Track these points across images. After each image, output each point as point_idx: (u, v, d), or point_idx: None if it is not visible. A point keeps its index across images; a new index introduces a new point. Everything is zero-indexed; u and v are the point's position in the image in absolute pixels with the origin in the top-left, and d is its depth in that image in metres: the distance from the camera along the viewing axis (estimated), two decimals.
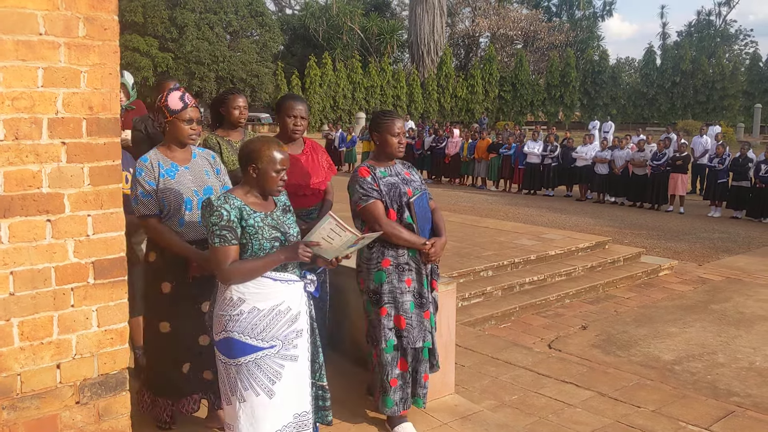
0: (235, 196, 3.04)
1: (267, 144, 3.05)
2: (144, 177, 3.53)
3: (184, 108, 3.55)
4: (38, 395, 2.68)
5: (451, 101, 43.60)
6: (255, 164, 3.02)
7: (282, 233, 3.09)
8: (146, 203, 3.53)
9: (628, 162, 16.14)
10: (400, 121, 3.95)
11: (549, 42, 47.50)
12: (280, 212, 3.17)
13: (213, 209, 2.96)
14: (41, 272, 2.66)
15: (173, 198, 3.56)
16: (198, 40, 36.77)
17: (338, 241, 3.07)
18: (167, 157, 3.62)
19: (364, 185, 3.85)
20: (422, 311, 3.91)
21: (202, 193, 3.65)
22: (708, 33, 55.92)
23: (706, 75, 43.42)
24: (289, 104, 4.29)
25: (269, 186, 3.07)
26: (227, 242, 2.95)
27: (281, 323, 3.04)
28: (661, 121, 41.96)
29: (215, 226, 2.95)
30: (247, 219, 3.00)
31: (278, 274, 3.05)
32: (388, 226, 3.79)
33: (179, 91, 3.58)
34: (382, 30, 44.31)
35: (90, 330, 2.80)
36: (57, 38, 2.63)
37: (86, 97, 2.72)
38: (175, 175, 3.59)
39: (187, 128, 3.58)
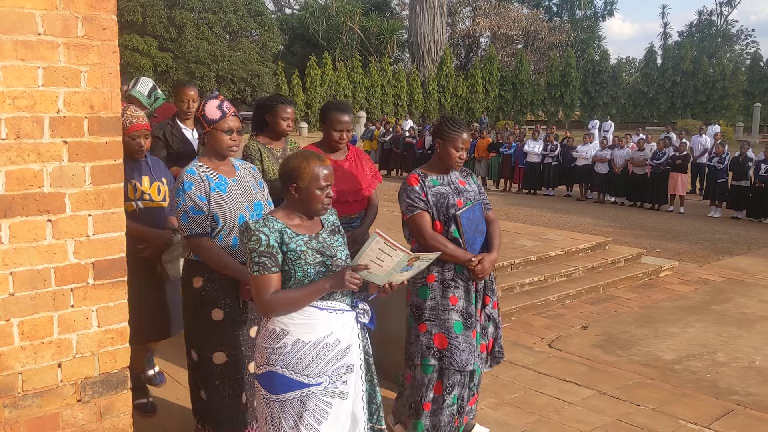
0: (275, 218, 2.77)
1: (307, 160, 2.77)
2: (194, 191, 3.24)
3: (223, 117, 3.32)
4: (40, 393, 2.69)
5: (452, 101, 43.60)
6: (296, 183, 2.76)
7: (328, 257, 2.79)
8: (198, 221, 3.25)
9: (627, 161, 16.16)
10: (467, 135, 3.71)
11: (549, 42, 47.50)
12: (327, 234, 2.87)
13: (251, 234, 2.69)
14: (41, 273, 2.66)
15: (228, 214, 3.28)
16: (197, 40, 36.77)
17: (389, 263, 2.76)
18: (213, 170, 3.37)
19: (411, 195, 3.67)
20: (470, 332, 3.66)
21: (253, 208, 3.40)
22: (709, 33, 55.93)
23: (707, 75, 43.44)
24: (336, 117, 4.14)
25: (314, 205, 2.79)
26: (267, 270, 2.69)
27: (329, 357, 2.75)
28: (661, 120, 41.95)
29: (253, 253, 2.68)
30: (288, 243, 2.72)
31: (325, 303, 2.76)
32: (432, 239, 3.61)
33: (217, 100, 3.36)
34: (382, 30, 44.31)
35: (90, 330, 2.80)
36: (56, 38, 2.63)
37: (87, 97, 2.73)
38: (226, 188, 3.34)
39: (227, 139, 3.34)
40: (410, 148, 21.47)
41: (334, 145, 4.19)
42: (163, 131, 4.91)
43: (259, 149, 4.41)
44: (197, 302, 3.38)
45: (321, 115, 4.26)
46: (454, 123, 3.72)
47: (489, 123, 35.89)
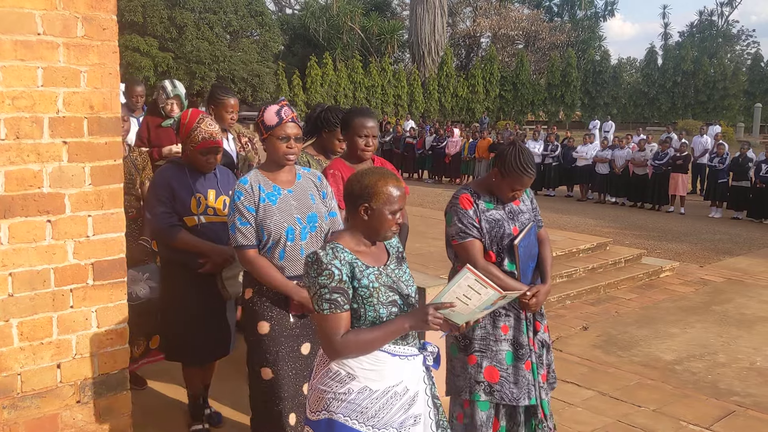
0: (343, 247, 2.47)
1: (383, 178, 2.50)
2: (243, 202, 3.12)
3: (280, 123, 3.15)
4: (39, 394, 2.69)
5: (452, 101, 43.55)
6: (368, 203, 2.47)
7: (401, 296, 2.53)
8: (245, 232, 3.11)
9: (628, 162, 16.14)
10: (529, 179, 3.31)
11: (550, 42, 47.45)
12: (394, 264, 2.62)
13: (322, 267, 2.39)
14: (40, 274, 2.66)
15: (273, 227, 3.13)
16: (198, 40, 36.73)
17: (476, 301, 2.50)
18: (269, 179, 3.21)
19: (464, 219, 3.33)
20: (522, 363, 3.36)
21: (305, 221, 3.22)
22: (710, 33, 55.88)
23: (708, 75, 43.39)
24: (359, 122, 3.88)
25: (384, 230, 2.52)
26: (339, 308, 2.39)
27: (396, 407, 2.48)
28: (662, 120, 41.92)
29: (324, 289, 2.38)
30: (360, 278, 2.44)
31: (396, 347, 2.49)
32: (484, 272, 3.14)
33: (277, 105, 3.22)
34: (382, 30, 44.27)
35: (90, 330, 2.80)
36: (55, 38, 2.64)
37: (87, 97, 2.73)
38: (277, 200, 3.17)
39: (283, 146, 3.15)
40: (410, 148, 21.47)
41: (361, 154, 3.92)
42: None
43: (308, 160, 4.25)
44: (247, 313, 3.28)
45: (342, 124, 4.02)
46: (524, 161, 3.26)
47: (489, 123, 35.87)
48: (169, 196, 3.62)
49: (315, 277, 2.40)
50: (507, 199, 3.37)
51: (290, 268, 3.17)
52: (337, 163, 3.96)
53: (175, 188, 3.64)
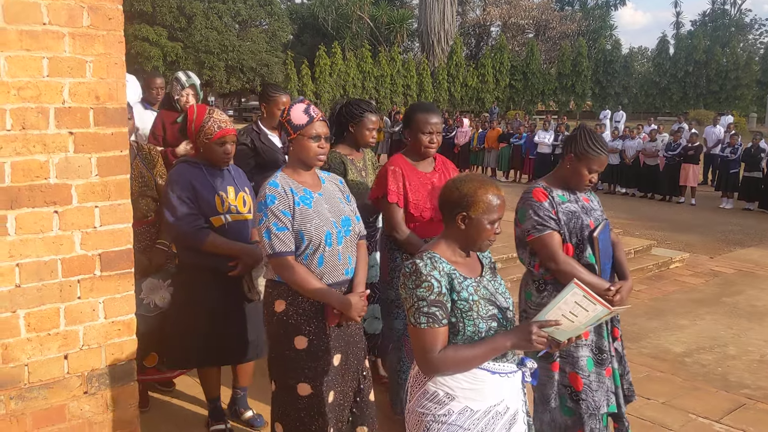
0: (440, 257, 2.35)
1: (483, 186, 2.38)
2: (278, 206, 2.91)
3: (310, 122, 2.99)
4: (46, 385, 2.69)
5: (462, 90, 43.40)
6: (467, 212, 2.35)
7: (500, 309, 2.40)
8: (282, 238, 2.90)
9: (639, 152, 16.05)
10: (605, 156, 3.24)
11: (561, 31, 47.19)
12: (489, 275, 2.50)
13: (421, 279, 2.26)
14: (47, 264, 2.66)
15: (314, 231, 2.93)
16: (207, 30, 36.76)
17: (583, 317, 2.35)
18: (297, 182, 3.03)
19: (540, 212, 3.18)
20: (602, 369, 3.24)
21: (340, 224, 3.05)
22: (722, 22, 55.42)
23: (720, 64, 43.06)
24: (423, 118, 3.73)
25: (481, 240, 2.40)
26: (437, 323, 2.26)
27: (498, 427, 2.36)
28: (673, 110, 41.66)
29: (423, 301, 2.25)
30: (459, 290, 2.31)
31: (496, 364, 2.35)
32: (566, 265, 3.14)
33: (303, 104, 3.06)
34: (391, 19, 44.13)
35: (97, 321, 2.80)
36: (61, 28, 2.62)
37: (92, 87, 2.71)
38: (312, 203, 3.00)
39: (314, 146, 3.00)
40: None
41: (424, 151, 3.77)
42: (250, 138, 4.62)
43: (342, 161, 4.10)
44: (279, 328, 3.03)
45: (405, 119, 3.87)
46: (596, 141, 3.18)
47: (499, 113, 35.74)
48: (191, 197, 3.45)
49: (413, 288, 2.27)
50: (584, 184, 3.24)
51: (329, 274, 2.99)
52: (398, 160, 3.82)
53: (197, 188, 3.47)
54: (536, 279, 3.31)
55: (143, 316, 3.65)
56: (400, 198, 3.73)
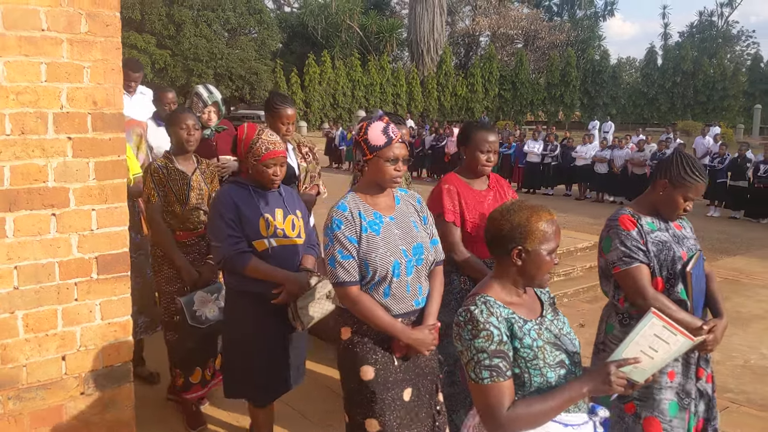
0: (495, 299, 2.12)
1: (535, 213, 2.14)
2: (344, 232, 2.73)
3: (388, 144, 2.77)
4: (44, 386, 2.72)
5: (451, 100, 43.62)
6: (522, 246, 2.11)
7: (567, 354, 2.15)
8: (347, 267, 2.72)
9: (627, 161, 16.21)
10: (703, 185, 2.96)
11: (550, 41, 47.51)
12: (551, 314, 2.25)
13: (479, 327, 2.03)
14: (45, 267, 2.70)
15: (380, 262, 2.73)
16: (196, 37, 36.77)
17: (663, 352, 2.10)
18: (369, 205, 2.83)
19: (628, 242, 2.92)
20: (684, 413, 2.96)
21: (411, 253, 2.82)
22: (710, 33, 55.93)
23: (707, 75, 43.44)
24: (482, 136, 3.59)
25: (541, 274, 2.16)
26: (502, 375, 2.01)
27: None
28: (661, 121, 42.00)
29: (482, 354, 2.02)
30: (520, 336, 2.07)
31: (568, 416, 2.11)
32: (655, 301, 2.83)
33: (382, 122, 2.83)
34: (381, 28, 44.34)
35: (94, 323, 2.84)
36: (59, 34, 2.67)
37: (90, 93, 2.76)
38: (381, 229, 2.79)
39: (391, 169, 2.78)
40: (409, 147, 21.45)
41: (481, 169, 3.63)
42: None
43: None
44: (346, 356, 2.87)
45: (461, 136, 3.72)
46: (694, 167, 2.92)
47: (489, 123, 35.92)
48: (235, 219, 3.28)
49: (470, 339, 2.03)
50: (677, 213, 2.98)
51: (395, 306, 2.80)
52: (452, 178, 3.70)
53: (242, 209, 3.31)
54: (620, 312, 3.07)
55: (196, 329, 3.81)
56: (457, 217, 3.57)
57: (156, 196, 3.96)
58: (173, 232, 4.01)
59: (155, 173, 3.99)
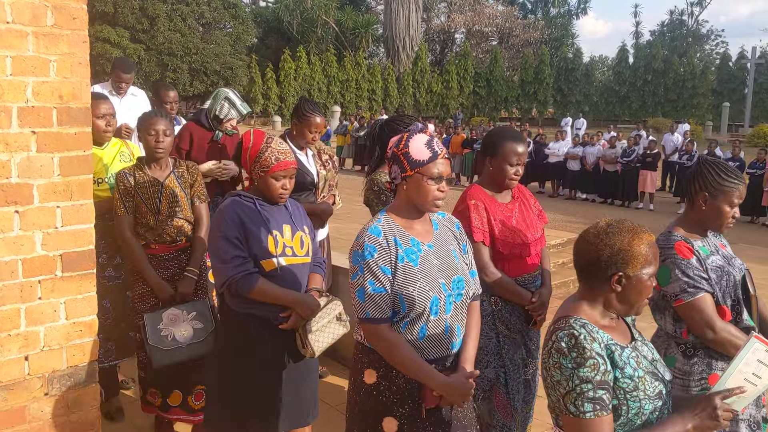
0: (590, 323, 1.95)
1: (636, 236, 1.97)
2: (377, 261, 2.39)
3: (432, 159, 2.43)
4: (6, 387, 2.66)
5: (426, 96, 43.68)
6: (623, 272, 1.94)
7: (664, 383, 1.99)
8: (378, 301, 2.38)
9: (599, 158, 16.37)
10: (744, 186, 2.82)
11: (524, 39, 47.78)
12: (640, 340, 2.10)
13: (584, 355, 1.85)
14: (8, 265, 2.63)
15: (417, 297, 2.39)
16: (170, 32, 36.35)
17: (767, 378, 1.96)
18: (405, 230, 2.50)
19: (690, 271, 2.70)
20: None
21: (450, 287, 2.49)
22: (680, 32, 56.70)
23: (677, 74, 44.02)
24: (511, 148, 3.30)
25: (641, 301, 2.00)
26: (605, 409, 1.84)
27: None
28: (632, 118, 42.44)
29: (588, 384, 1.83)
30: (621, 365, 1.90)
31: None
32: (724, 332, 2.64)
33: (424, 134, 2.53)
34: (357, 24, 44.23)
35: (58, 322, 2.78)
36: (24, 27, 2.61)
37: (56, 86, 2.70)
38: (418, 259, 2.46)
39: (434, 189, 2.44)
40: None
41: (508, 182, 3.36)
42: None
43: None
44: (367, 403, 2.52)
45: (487, 145, 3.43)
46: (728, 170, 2.77)
47: (463, 119, 36.04)
48: (241, 237, 2.92)
49: (574, 368, 1.84)
50: (726, 223, 2.80)
51: (431, 349, 2.46)
52: (477, 192, 3.41)
53: (248, 226, 2.94)
54: (682, 343, 2.85)
55: (158, 349, 3.43)
56: (486, 235, 3.29)
57: (123, 208, 3.65)
58: (148, 245, 3.70)
59: (120, 182, 3.67)
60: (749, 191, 14.01)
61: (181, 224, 3.75)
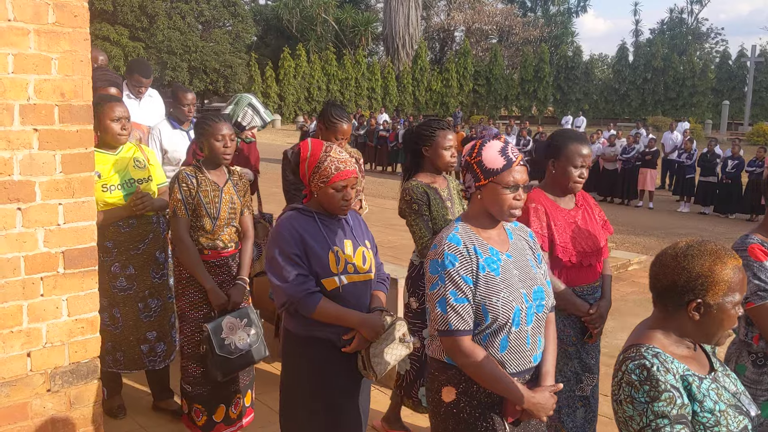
0: (664, 352, 1.81)
1: (719, 260, 1.80)
2: (459, 270, 2.29)
3: (508, 167, 2.34)
4: (8, 383, 2.67)
5: (426, 94, 43.68)
6: (702, 299, 1.80)
7: (749, 417, 1.84)
8: (461, 312, 2.28)
9: (598, 157, 16.38)
10: None
11: (523, 37, 47.79)
12: (720, 367, 1.94)
13: (659, 387, 1.72)
14: (10, 261, 2.64)
15: (501, 308, 2.30)
16: (169, 30, 36.37)
17: None
18: (483, 239, 2.41)
19: (762, 274, 2.62)
20: None
21: (531, 298, 2.40)
22: (680, 31, 56.71)
23: (677, 72, 43.99)
24: (575, 149, 3.18)
25: (723, 331, 1.84)
26: None
27: None
28: (632, 116, 42.46)
29: (664, 419, 1.70)
30: (700, 399, 1.76)
31: None
32: None
33: (498, 141, 2.43)
34: (356, 22, 44.21)
35: (60, 319, 2.79)
36: (26, 24, 2.62)
37: (58, 84, 2.71)
38: (499, 268, 2.37)
39: (510, 197, 2.34)
40: (383, 141, 21.51)
41: (572, 186, 3.23)
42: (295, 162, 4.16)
43: (425, 191, 3.61)
44: (448, 422, 2.41)
45: (551, 148, 3.31)
46: None
47: (463, 118, 36.04)
48: (301, 254, 2.74)
49: (648, 402, 1.71)
50: None
51: (513, 362, 2.37)
52: (539, 196, 3.29)
53: (309, 242, 2.76)
54: (754, 351, 2.76)
55: (226, 359, 3.43)
56: (545, 241, 3.18)
57: (183, 210, 3.54)
58: (201, 251, 3.61)
59: (183, 182, 3.54)
60: (748, 189, 14.11)
61: (233, 232, 3.71)
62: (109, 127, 3.77)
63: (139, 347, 3.96)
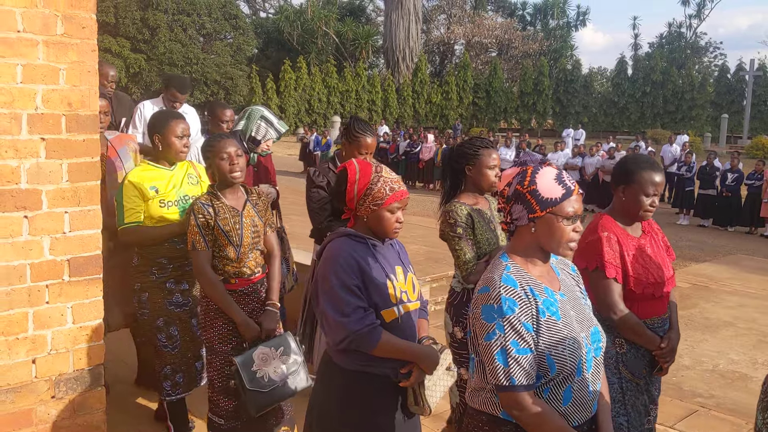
0: None
1: None
2: (518, 315, 2.02)
3: (567, 197, 2.10)
4: (13, 389, 2.69)
5: (426, 107, 43.82)
6: None
7: None
8: (524, 365, 2.00)
9: (598, 169, 16.44)
10: None
11: (523, 50, 47.98)
12: None
13: None
14: (16, 269, 2.67)
15: (568, 356, 2.05)
16: (171, 42, 36.57)
17: None
18: (535, 277, 2.14)
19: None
20: None
21: (590, 341, 2.16)
22: (678, 45, 56.90)
23: (676, 86, 44.16)
24: (648, 177, 3.03)
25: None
26: None
27: None
28: (631, 129, 42.55)
29: None
30: None
31: None
32: None
33: (553, 168, 2.19)
34: (357, 35, 44.41)
35: (65, 326, 2.81)
36: (35, 36, 2.66)
37: (65, 94, 2.75)
38: (558, 311, 2.11)
39: (569, 230, 2.10)
40: (384, 153, 21.59)
41: (642, 214, 3.09)
42: (327, 179, 3.92)
43: (470, 214, 3.44)
44: None
45: (621, 174, 3.16)
46: None
47: (463, 130, 36.15)
48: (360, 285, 2.49)
49: None
50: None
51: (575, 415, 2.11)
52: (610, 224, 3.15)
53: (367, 271, 2.52)
54: None
55: (258, 393, 3.20)
56: (619, 273, 3.03)
57: (203, 242, 3.32)
58: (227, 281, 3.39)
59: (199, 213, 3.31)
60: (747, 202, 14.15)
61: (258, 255, 3.52)
62: (173, 144, 3.66)
63: (194, 364, 3.81)
